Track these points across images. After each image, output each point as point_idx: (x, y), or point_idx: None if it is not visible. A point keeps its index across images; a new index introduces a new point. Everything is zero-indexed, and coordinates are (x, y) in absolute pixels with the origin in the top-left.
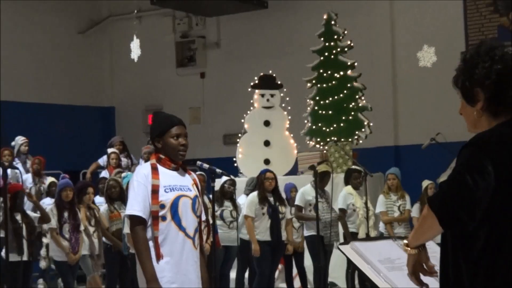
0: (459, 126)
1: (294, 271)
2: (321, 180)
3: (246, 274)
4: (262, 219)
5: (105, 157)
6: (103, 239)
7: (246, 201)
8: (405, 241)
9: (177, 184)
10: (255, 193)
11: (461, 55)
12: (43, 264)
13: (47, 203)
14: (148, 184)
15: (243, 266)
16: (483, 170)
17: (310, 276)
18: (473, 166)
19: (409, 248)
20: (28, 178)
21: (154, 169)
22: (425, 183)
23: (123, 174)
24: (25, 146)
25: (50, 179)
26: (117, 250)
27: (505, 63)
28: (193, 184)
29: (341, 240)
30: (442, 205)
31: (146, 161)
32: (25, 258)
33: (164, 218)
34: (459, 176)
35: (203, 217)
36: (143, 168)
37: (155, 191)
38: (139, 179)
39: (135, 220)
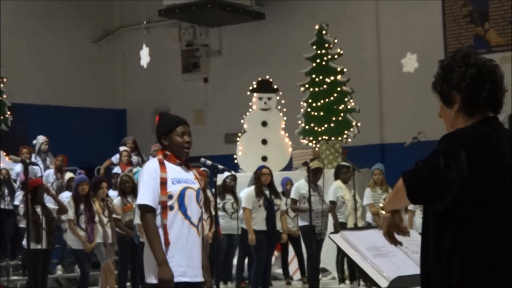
0: (439, 126)
1: (289, 258)
2: (313, 175)
3: (246, 261)
4: (259, 210)
5: (117, 155)
6: (116, 229)
7: (244, 195)
8: (381, 205)
9: (183, 177)
10: (252, 187)
11: (439, 62)
12: None
13: (66, 196)
14: (157, 176)
15: (243, 252)
16: (457, 157)
17: (304, 262)
18: (448, 152)
19: (384, 212)
20: (50, 173)
21: (162, 164)
22: None
23: (134, 170)
24: (45, 145)
25: (69, 175)
26: (129, 239)
27: (479, 68)
28: (195, 178)
29: (332, 229)
30: (413, 181)
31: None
32: (44, 246)
33: (171, 207)
34: (434, 159)
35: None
36: (152, 163)
37: (163, 183)
38: (149, 172)
39: (146, 209)
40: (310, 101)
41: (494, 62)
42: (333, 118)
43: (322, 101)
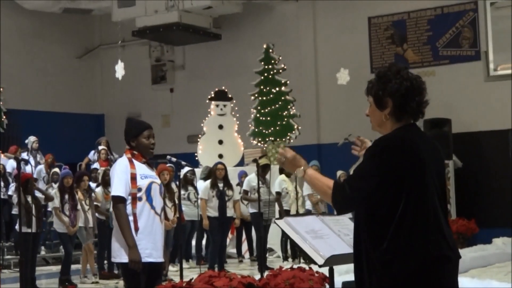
0: (366, 129)
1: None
2: (262, 170)
3: (204, 242)
4: (212, 200)
5: (92, 152)
6: (97, 214)
7: (202, 187)
8: (303, 169)
9: (149, 174)
10: (208, 181)
11: (374, 71)
12: None
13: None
14: (128, 172)
15: (201, 235)
16: (373, 175)
17: (253, 243)
18: (366, 172)
19: (301, 170)
20: (42, 169)
21: (131, 161)
22: (339, 173)
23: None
24: (36, 144)
25: (56, 170)
26: (108, 223)
27: (411, 81)
28: (157, 175)
29: (277, 215)
30: (340, 197)
31: None
32: (34, 230)
33: (140, 198)
34: (352, 180)
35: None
36: (123, 160)
37: (133, 178)
38: (121, 168)
39: (119, 199)
40: (259, 108)
41: (420, 78)
42: (278, 122)
43: (269, 108)
